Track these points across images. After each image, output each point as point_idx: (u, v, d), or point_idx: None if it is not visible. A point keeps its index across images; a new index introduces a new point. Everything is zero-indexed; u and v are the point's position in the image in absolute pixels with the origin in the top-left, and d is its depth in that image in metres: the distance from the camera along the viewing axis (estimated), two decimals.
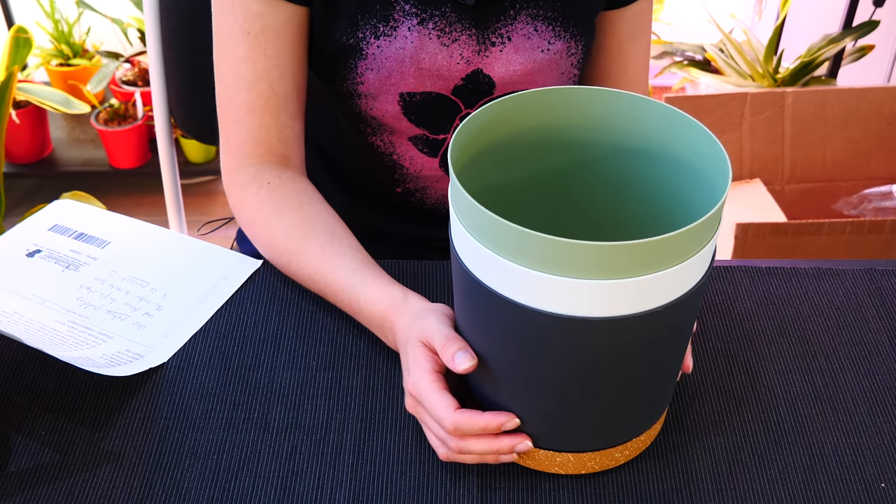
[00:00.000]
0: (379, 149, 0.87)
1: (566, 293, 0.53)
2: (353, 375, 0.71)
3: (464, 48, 0.79)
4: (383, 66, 0.79)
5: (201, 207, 2.16)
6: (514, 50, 0.80)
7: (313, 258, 0.75)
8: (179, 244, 0.84)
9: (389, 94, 0.81)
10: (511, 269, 0.53)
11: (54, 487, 0.63)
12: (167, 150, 1.18)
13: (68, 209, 0.87)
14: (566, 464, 0.64)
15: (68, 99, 1.81)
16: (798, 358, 0.74)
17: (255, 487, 0.63)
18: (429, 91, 0.81)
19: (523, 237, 0.51)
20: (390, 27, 0.77)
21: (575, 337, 0.55)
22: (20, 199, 2.23)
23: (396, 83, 0.80)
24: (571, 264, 0.51)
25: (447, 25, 0.78)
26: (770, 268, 0.82)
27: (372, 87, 0.81)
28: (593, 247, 0.50)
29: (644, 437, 0.65)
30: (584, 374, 0.57)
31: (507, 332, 0.57)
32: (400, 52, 0.78)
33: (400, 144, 0.86)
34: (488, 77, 0.81)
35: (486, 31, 0.79)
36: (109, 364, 0.70)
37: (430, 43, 0.78)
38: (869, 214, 1.67)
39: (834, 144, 1.70)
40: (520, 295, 0.54)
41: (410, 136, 0.86)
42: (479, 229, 0.54)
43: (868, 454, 0.66)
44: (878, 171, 1.73)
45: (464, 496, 0.63)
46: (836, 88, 1.68)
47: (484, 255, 0.54)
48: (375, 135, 0.86)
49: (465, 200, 0.54)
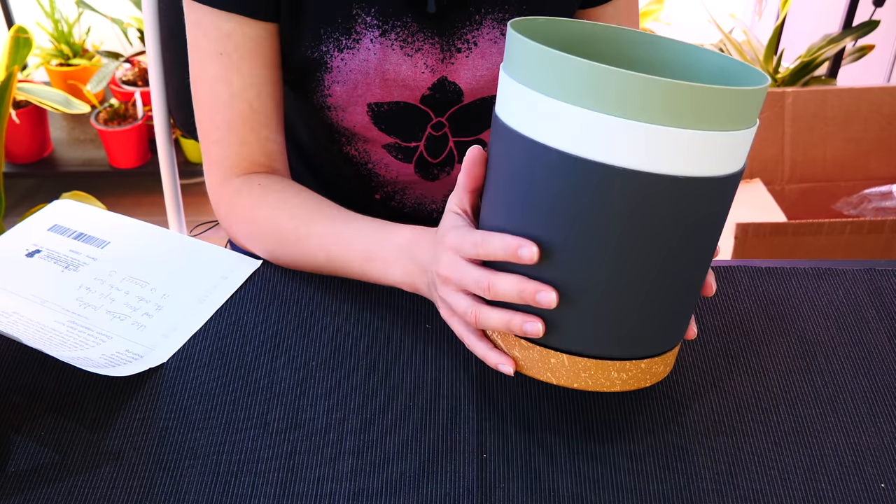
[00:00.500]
0: (354, 158, 0.88)
1: (662, 143, 0.53)
2: (353, 375, 0.71)
3: (427, 57, 0.80)
4: (349, 78, 0.80)
5: (201, 207, 2.16)
6: (481, 55, 0.81)
7: (324, 225, 0.76)
8: (179, 244, 0.84)
9: (358, 106, 0.82)
10: (593, 120, 0.53)
11: (54, 487, 0.63)
12: (166, 150, 1.18)
13: (68, 209, 0.87)
14: (559, 368, 0.61)
15: (68, 99, 1.81)
16: (798, 358, 0.74)
17: (255, 487, 0.63)
18: (396, 101, 0.82)
19: (617, 77, 0.52)
20: (353, 40, 0.78)
21: (647, 198, 0.55)
22: (20, 199, 2.23)
23: (363, 94, 0.81)
24: (664, 106, 0.52)
25: (409, 35, 0.79)
26: (770, 268, 0.82)
27: (340, 99, 0.81)
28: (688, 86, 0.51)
29: (644, 366, 0.62)
30: (629, 244, 0.57)
31: (569, 203, 0.56)
32: (364, 64, 0.79)
33: (374, 153, 0.87)
34: (454, 84, 0.82)
35: (452, 38, 0.80)
36: (109, 364, 0.70)
37: (394, 54, 0.79)
38: (869, 214, 1.67)
39: (834, 144, 1.70)
40: (597, 151, 0.54)
41: (384, 143, 0.86)
42: (555, 79, 0.54)
43: (868, 454, 0.66)
44: (878, 171, 1.73)
45: (464, 496, 0.63)
46: (836, 88, 1.68)
47: (558, 114, 0.54)
48: (350, 144, 0.87)
49: (537, 52, 0.54)
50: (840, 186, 1.73)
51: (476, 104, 0.84)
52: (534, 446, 0.66)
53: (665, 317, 0.61)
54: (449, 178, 0.91)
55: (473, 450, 0.66)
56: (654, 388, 0.70)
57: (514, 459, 0.65)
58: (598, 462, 0.65)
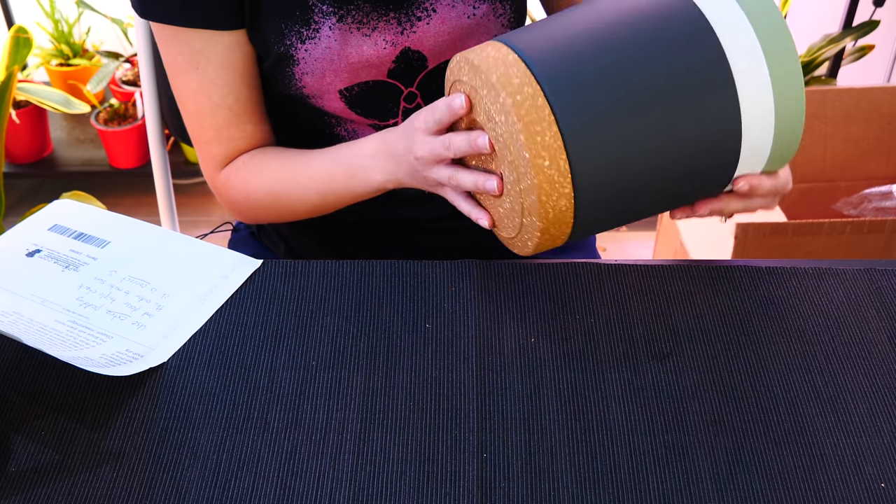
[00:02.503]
0: (344, 139, 0.90)
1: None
2: (353, 375, 0.71)
3: (385, 33, 0.82)
4: (315, 68, 0.82)
5: (201, 207, 2.16)
6: (441, 20, 0.83)
7: (303, 171, 0.85)
8: (179, 244, 0.84)
9: (330, 93, 0.84)
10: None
11: (54, 487, 0.63)
12: (159, 153, 1.19)
13: (68, 209, 0.87)
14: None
15: (68, 99, 1.81)
16: (798, 358, 0.74)
17: (255, 487, 0.63)
18: (365, 81, 0.84)
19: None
20: (312, 30, 0.81)
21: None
22: (20, 199, 2.23)
23: (332, 81, 0.83)
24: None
25: (364, 16, 0.81)
26: (770, 268, 0.82)
27: (313, 89, 0.84)
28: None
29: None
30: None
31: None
32: (327, 52, 0.81)
33: (362, 132, 0.89)
34: (417, 52, 0.84)
35: (410, 8, 0.82)
36: (109, 364, 0.70)
37: (353, 37, 0.81)
38: (869, 214, 1.67)
39: (834, 144, 1.70)
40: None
41: (371, 123, 0.89)
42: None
43: (868, 454, 0.66)
44: (878, 171, 1.72)
45: (464, 496, 0.63)
46: (836, 88, 1.68)
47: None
48: (339, 125, 0.89)
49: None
50: (840, 186, 1.73)
51: (442, 67, 0.87)
52: (534, 446, 0.66)
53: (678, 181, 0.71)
54: None
55: (473, 450, 0.66)
56: (654, 388, 0.70)
57: (514, 459, 0.65)
58: (598, 462, 0.65)
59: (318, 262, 0.82)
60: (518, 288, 0.79)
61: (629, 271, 0.81)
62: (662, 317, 0.77)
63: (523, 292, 0.79)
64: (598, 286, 0.79)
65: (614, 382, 0.71)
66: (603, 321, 0.76)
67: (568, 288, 0.79)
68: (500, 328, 0.75)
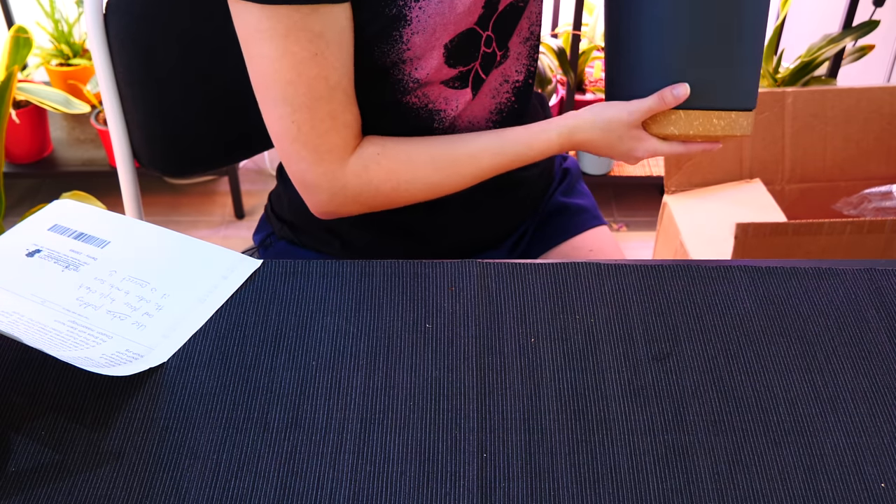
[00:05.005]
0: (414, 105, 0.91)
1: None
2: (353, 375, 0.71)
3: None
4: (427, 24, 0.83)
5: (201, 207, 2.16)
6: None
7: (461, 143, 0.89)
8: (179, 244, 0.84)
9: (435, 50, 0.85)
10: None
11: (54, 487, 0.63)
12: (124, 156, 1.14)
13: (68, 209, 0.87)
14: (678, 122, 0.88)
15: (68, 99, 1.81)
16: (798, 358, 0.74)
17: (255, 487, 0.63)
18: (462, 31, 0.86)
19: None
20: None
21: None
22: (20, 199, 2.24)
23: (440, 37, 0.84)
24: None
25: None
26: (770, 268, 0.82)
27: (418, 49, 0.84)
28: None
29: (734, 116, 0.88)
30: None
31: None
32: (440, 5, 0.82)
33: (432, 92, 0.90)
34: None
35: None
36: (109, 364, 0.70)
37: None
38: (869, 214, 1.67)
39: (834, 144, 1.70)
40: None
41: (444, 80, 0.89)
42: None
43: (868, 454, 0.66)
44: (878, 171, 1.72)
45: (464, 496, 0.63)
46: (836, 88, 1.68)
47: None
48: (409, 93, 0.89)
49: None
50: (840, 186, 1.73)
51: (507, 9, 0.89)
52: (534, 446, 0.66)
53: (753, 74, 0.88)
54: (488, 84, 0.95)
55: (473, 450, 0.66)
56: (654, 388, 0.70)
57: (514, 459, 0.65)
58: (598, 462, 0.65)
59: (319, 261, 0.82)
60: (518, 288, 0.79)
61: (629, 271, 0.81)
62: (662, 317, 0.77)
63: (523, 292, 0.79)
64: (598, 286, 0.80)
65: (614, 382, 0.71)
66: (603, 321, 0.76)
67: (568, 288, 0.79)
68: (500, 328, 0.75)
